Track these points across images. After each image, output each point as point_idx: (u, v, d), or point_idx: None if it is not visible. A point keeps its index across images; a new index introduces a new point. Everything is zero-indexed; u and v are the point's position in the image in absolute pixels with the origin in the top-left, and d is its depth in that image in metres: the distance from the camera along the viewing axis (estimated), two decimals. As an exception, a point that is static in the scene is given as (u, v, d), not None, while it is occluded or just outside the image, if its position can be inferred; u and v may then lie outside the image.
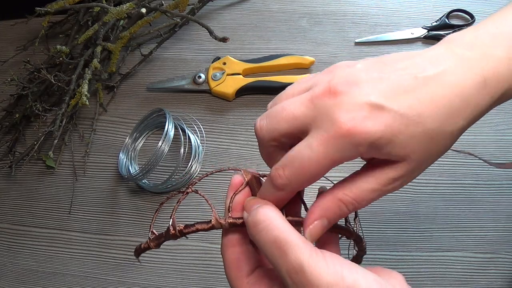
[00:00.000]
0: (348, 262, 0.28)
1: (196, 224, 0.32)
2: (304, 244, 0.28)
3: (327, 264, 0.27)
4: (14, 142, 0.65)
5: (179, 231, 0.32)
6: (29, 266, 0.58)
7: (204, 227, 0.32)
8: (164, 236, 0.33)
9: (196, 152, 0.61)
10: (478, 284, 0.53)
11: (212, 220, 0.32)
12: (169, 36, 0.69)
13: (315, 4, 0.72)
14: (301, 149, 0.29)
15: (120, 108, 0.67)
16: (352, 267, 0.28)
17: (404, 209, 0.57)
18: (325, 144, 0.28)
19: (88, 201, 0.61)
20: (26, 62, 0.65)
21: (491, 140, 0.60)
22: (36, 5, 0.64)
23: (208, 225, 0.32)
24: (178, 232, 0.32)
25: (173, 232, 0.32)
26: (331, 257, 0.28)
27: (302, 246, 0.28)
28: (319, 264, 0.27)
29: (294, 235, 0.28)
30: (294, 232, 0.28)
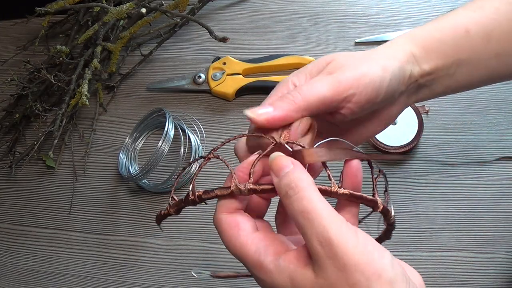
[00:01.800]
0: (380, 247, 0.28)
1: (215, 189, 0.32)
2: (333, 217, 0.28)
3: (358, 241, 0.27)
4: (14, 142, 0.65)
5: (198, 196, 0.32)
6: (29, 266, 0.58)
7: (224, 193, 0.31)
8: (184, 202, 0.32)
9: (196, 152, 0.61)
10: (478, 284, 0.53)
11: (232, 186, 0.31)
12: (169, 36, 0.69)
13: (315, 4, 0.72)
14: None
15: (120, 108, 0.67)
16: (384, 252, 0.28)
17: (404, 209, 0.57)
18: None
19: (88, 201, 0.61)
20: (26, 62, 0.65)
21: (491, 140, 0.60)
22: (36, 5, 0.64)
23: (228, 191, 0.31)
24: (197, 197, 0.32)
25: (192, 197, 0.32)
26: (364, 237, 0.28)
27: (330, 218, 0.27)
28: (349, 240, 0.27)
29: (322, 205, 0.28)
30: (323, 202, 0.28)
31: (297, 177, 0.29)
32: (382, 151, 0.59)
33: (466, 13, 0.38)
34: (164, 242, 0.58)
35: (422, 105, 0.61)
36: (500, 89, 0.63)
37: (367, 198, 0.32)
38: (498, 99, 0.63)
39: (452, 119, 0.62)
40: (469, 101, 0.63)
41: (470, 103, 0.62)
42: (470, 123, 0.61)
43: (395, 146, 0.58)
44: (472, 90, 0.62)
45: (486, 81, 0.41)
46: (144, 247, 0.58)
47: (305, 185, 0.29)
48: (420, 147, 0.60)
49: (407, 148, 0.58)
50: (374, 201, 0.33)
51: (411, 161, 0.59)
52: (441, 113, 0.62)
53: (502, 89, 0.63)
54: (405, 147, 0.58)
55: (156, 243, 0.58)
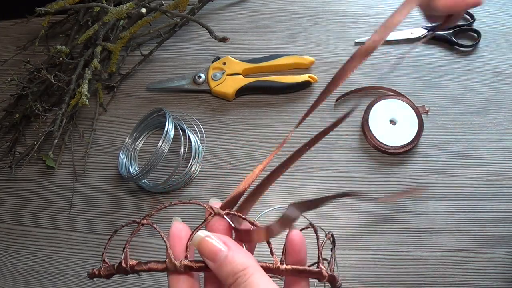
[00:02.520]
0: None
1: (149, 262, 0.29)
2: None
3: None
4: (14, 142, 0.65)
5: (131, 266, 0.30)
6: (29, 266, 0.58)
7: (158, 267, 0.29)
8: (116, 269, 0.30)
9: (196, 152, 0.61)
10: (478, 284, 0.53)
11: (167, 261, 0.29)
12: (169, 36, 0.69)
13: (315, 4, 0.72)
14: None
15: (120, 108, 0.67)
16: None
17: (404, 209, 0.57)
18: None
19: (88, 201, 0.61)
20: (26, 62, 0.65)
21: (491, 140, 0.60)
22: (36, 5, 0.64)
23: (162, 265, 0.29)
24: (130, 267, 0.30)
25: (124, 266, 0.30)
26: None
27: None
28: None
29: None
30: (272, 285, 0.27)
31: (241, 263, 0.27)
32: (382, 151, 0.59)
33: None
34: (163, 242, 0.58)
35: (422, 105, 0.61)
36: (500, 89, 0.63)
37: (311, 271, 0.30)
38: (498, 99, 0.63)
39: (452, 119, 0.62)
40: (469, 101, 0.63)
41: (470, 103, 0.62)
42: (470, 123, 0.61)
43: (395, 146, 0.58)
44: (472, 90, 0.63)
45: None
46: (144, 247, 0.58)
47: (251, 271, 0.27)
48: (420, 147, 0.60)
49: (407, 148, 0.58)
50: (319, 272, 0.30)
51: (411, 161, 0.59)
52: (441, 113, 0.62)
53: (502, 89, 0.63)
54: (405, 147, 0.58)
55: (156, 243, 0.58)
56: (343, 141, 0.61)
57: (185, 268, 0.29)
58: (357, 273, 0.54)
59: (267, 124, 0.63)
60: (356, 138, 0.61)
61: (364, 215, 0.56)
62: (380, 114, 0.60)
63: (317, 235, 0.31)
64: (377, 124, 0.60)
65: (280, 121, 0.63)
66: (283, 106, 0.64)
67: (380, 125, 0.60)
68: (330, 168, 0.60)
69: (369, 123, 0.60)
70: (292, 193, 0.58)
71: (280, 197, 0.58)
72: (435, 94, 0.63)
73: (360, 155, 0.60)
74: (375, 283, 0.54)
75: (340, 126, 0.63)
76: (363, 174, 0.59)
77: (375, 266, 0.54)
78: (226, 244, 0.28)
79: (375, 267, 0.54)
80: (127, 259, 0.30)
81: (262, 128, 0.63)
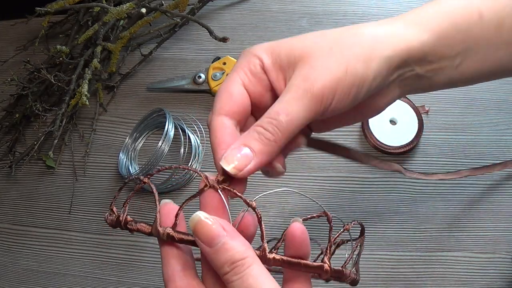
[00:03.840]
0: None
1: (140, 224, 0.30)
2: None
3: None
4: (14, 142, 0.65)
5: (125, 221, 0.30)
6: (29, 266, 0.58)
7: (145, 230, 0.29)
8: (115, 221, 0.30)
9: (196, 152, 0.61)
10: (478, 284, 0.53)
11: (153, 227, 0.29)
12: (169, 36, 0.69)
13: (315, 4, 0.72)
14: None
15: (120, 108, 0.67)
16: None
17: (404, 209, 0.57)
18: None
19: (88, 201, 0.61)
20: (26, 62, 0.65)
21: (491, 140, 0.60)
22: (36, 5, 0.64)
23: (148, 229, 0.29)
24: (124, 222, 0.30)
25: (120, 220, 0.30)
26: None
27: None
28: None
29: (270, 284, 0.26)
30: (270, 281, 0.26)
31: (240, 251, 0.26)
32: (382, 151, 0.59)
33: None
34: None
35: (422, 105, 0.61)
36: (500, 89, 0.63)
37: (307, 265, 0.28)
38: (498, 99, 0.63)
39: (452, 119, 0.62)
40: (469, 101, 0.63)
41: (470, 103, 0.62)
42: (470, 123, 0.61)
43: (395, 146, 0.58)
44: (472, 90, 0.63)
45: (490, 76, 0.36)
46: (144, 247, 0.58)
47: (250, 262, 0.26)
48: (420, 147, 0.60)
49: (407, 148, 0.58)
50: (319, 267, 0.28)
51: (411, 161, 0.59)
52: (441, 113, 0.62)
53: (502, 89, 0.63)
54: (405, 147, 0.58)
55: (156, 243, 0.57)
56: (343, 141, 0.61)
57: (167, 237, 0.28)
58: (357, 273, 0.54)
59: (267, 124, 0.63)
60: (356, 138, 0.61)
61: (364, 215, 0.56)
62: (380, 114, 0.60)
63: (330, 224, 0.29)
64: (377, 124, 0.60)
65: (280, 121, 0.63)
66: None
67: (380, 125, 0.59)
68: (330, 168, 0.60)
69: (369, 123, 0.60)
70: (291, 193, 0.58)
71: (280, 197, 0.58)
72: (435, 94, 0.63)
73: (360, 155, 0.60)
74: (375, 283, 0.54)
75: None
76: (363, 174, 0.59)
77: (375, 266, 0.54)
78: (224, 229, 0.27)
79: (375, 267, 0.54)
80: (125, 214, 0.30)
81: (262, 128, 0.63)
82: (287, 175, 0.59)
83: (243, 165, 0.29)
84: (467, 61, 0.33)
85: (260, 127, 0.30)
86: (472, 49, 0.33)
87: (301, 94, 0.30)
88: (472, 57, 0.33)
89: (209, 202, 0.29)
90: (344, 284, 0.31)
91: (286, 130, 0.30)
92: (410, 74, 0.33)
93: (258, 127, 0.30)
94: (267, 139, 0.30)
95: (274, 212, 0.57)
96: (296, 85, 0.30)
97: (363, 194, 0.58)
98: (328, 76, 0.30)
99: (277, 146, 0.30)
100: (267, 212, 0.57)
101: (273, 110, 0.30)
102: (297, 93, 0.30)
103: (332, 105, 0.30)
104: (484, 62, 0.34)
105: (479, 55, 0.33)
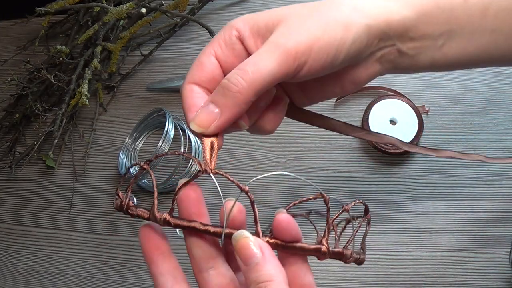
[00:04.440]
0: None
1: (139, 209, 0.30)
2: None
3: None
4: (14, 142, 0.65)
5: (127, 206, 0.30)
6: (29, 266, 0.58)
7: (144, 215, 0.30)
8: (119, 206, 0.31)
9: (196, 152, 0.61)
10: (478, 284, 0.53)
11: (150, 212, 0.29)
12: (169, 36, 0.69)
13: (315, 4, 0.72)
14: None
15: (120, 108, 0.67)
16: None
17: (404, 209, 0.57)
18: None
19: (88, 201, 0.61)
20: (26, 62, 0.65)
21: (491, 140, 0.60)
22: (36, 5, 0.64)
23: (146, 215, 0.30)
24: (126, 207, 0.30)
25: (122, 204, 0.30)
26: None
27: None
28: None
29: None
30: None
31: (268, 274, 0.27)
32: (382, 151, 0.59)
33: None
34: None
35: (422, 105, 0.61)
36: (500, 89, 0.63)
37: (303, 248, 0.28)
38: (498, 99, 0.63)
39: (452, 119, 0.62)
40: (469, 101, 0.63)
41: (470, 103, 0.62)
42: (470, 123, 0.61)
43: (395, 146, 0.58)
44: (472, 90, 0.63)
45: (475, 62, 0.36)
46: (144, 247, 0.58)
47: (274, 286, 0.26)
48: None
49: (407, 148, 0.58)
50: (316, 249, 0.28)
51: (411, 161, 0.59)
52: (441, 113, 0.62)
53: (502, 89, 0.63)
54: (405, 147, 0.58)
55: (156, 243, 0.58)
56: (343, 141, 0.61)
57: (163, 222, 0.29)
58: (357, 273, 0.54)
59: (267, 124, 0.63)
60: (356, 138, 0.61)
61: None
62: (380, 114, 0.60)
63: (327, 206, 0.29)
64: (377, 124, 0.60)
65: (280, 121, 0.63)
66: (283, 106, 0.64)
67: (380, 125, 0.59)
68: (330, 168, 0.60)
69: (369, 123, 0.60)
70: (292, 193, 0.58)
71: (280, 197, 0.58)
72: (435, 94, 0.63)
73: (360, 155, 0.60)
74: (375, 283, 0.54)
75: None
76: (363, 174, 0.59)
77: (375, 266, 0.54)
78: (261, 250, 0.27)
79: (375, 267, 0.54)
80: (127, 199, 0.30)
81: (262, 128, 0.63)
82: (287, 176, 0.59)
83: (208, 122, 0.30)
84: (450, 43, 0.34)
85: (226, 79, 0.30)
86: (456, 32, 0.33)
87: (273, 48, 0.29)
88: (456, 39, 0.34)
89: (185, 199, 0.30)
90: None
91: (252, 81, 0.29)
92: (392, 49, 0.33)
93: (224, 79, 0.30)
94: (230, 92, 0.29)
95: (270, 197, 0.57)
96: (270, 41, 0.30)
97: (363, 194, 0.58)
98: (305, 33, 0.30)
99: (243, 99, 0.29)
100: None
101: (243, 62, 0.30)
102: (269, 47, 0.30)
103: (308, 64, 0.30)
104: (467, 46, 0.34)
105: (463, 39, 0.34)
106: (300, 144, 0.61)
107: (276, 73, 0.29)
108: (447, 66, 0.35)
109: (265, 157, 0.61)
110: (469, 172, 0.58)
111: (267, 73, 0.29)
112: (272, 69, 0.29)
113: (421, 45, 0.33)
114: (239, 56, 0.32)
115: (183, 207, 0.30)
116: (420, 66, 0.35)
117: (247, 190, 0.28)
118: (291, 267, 0.29)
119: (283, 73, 0.29)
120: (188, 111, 0.31)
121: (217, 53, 0.33)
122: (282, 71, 0.29)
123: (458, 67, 0.36)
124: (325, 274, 0.54)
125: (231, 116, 0.30)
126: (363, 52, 0.32)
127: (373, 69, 0.34)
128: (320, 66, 0.30)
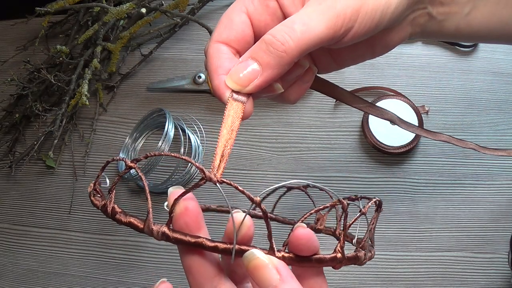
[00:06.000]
0: None
1: (131, 217, 0.27)
2: None
3: None
4: (14, 142, 0.65)
5: (112, 211, 0.27)
6: (29, 266, 0.58)
7: (137, 225, 0.26)
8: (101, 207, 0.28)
9: (196, 152, 0.61)
10: (478, 284, 0.53)
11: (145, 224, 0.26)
12: (169, 36, 0.69)
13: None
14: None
15: (120, 108, 0.67)
16: None
17: (404, 209, 0.57)
18: None
19: (88, 201, 0.61)
20: (26, 62, 0.65)
21: (491, 140, 0.60)
22: (36, 5, 0.64)
23: (140, 225, 0.26)
24: (111, 212, 0.27)
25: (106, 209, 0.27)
26: None
27: None
28: None
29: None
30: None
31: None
32: (382, 151, 0.59)
33: None
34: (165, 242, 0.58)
35: (422, 105, 0.61)
36: (500, 89, 0.63)
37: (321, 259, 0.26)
38: (498, 99, 0.63)
39: (452, 119, 0.62)
40: (469, 101, 0.63)
41: (470, 103, 0.62)
42: (470, 123, 0.61)
43: (395, 146, 0.58)
44: (472, 90, 0.63)
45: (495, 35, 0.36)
46: (144, 247, 0.58)
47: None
48: (420, 147, 0.60)
49: (407, 148, 0.58)
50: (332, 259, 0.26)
51: (411, 161, 0.59)
52: (441, 113, 0.62)
53: (502, 89, 0.63)
54: (405, 147, 0.58)
55: (156, 243, 0.58)
56: (343, 141, 0.61)
57: (162, 236, 0.25)
58: (357, 273, 0.54)
59: (267, 124, 0.63)
60: (356, 138, 0.61)
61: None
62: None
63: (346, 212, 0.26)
64: (377, 124, 0.60)
65: (279, 121, 0.63)
66: (282, 106, 0.64)
67: (380, 125, 0.60)
68: (330, 168, 0.60)
69: (369, 123, 0.60)
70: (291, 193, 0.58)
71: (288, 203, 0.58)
72: (435, 94, 0.63)
73: (360, 155, 0.60)
74: (375, 283, 0.54)
75: (340, 126, 0.63)
76: (363, 174, 0.59)
77: (375, 266, 0.54)
78: (278, 271, 0.25)
79: (375, 267, 0.54)
80: (111, 202, 0.27)
81: (262, 128, 0.63)
82: (287, 176, 0.59)
83: (247, 80, 0.27)
84: (475, 12, 0.34)
85: (270, 35, 0.27)
86: (482, 1, 0.34)
87: (324, 9, 0.27)
88: (481, 9, 0.34)
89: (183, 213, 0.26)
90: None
91: (299, 41, 0.26)
92: (423, 12, 0.33)
93: (268, 35, 0.27)
94: (275, 50, 0.27)
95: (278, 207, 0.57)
96: (317, 1, 0.28)
97: (363, 194, 0.57)
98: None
99: (287, 59, 0.27)
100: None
101: (289, 19, 0.27)
102: (319, 7, 0.27)
103: (354, 29, 0.29)
104: (490, 17, 0.34)
105: (486, 9, 0.34)
106: (300, 144, 0.61)
107: (324, 37, 0.27)
108: (469, 36, 0.36)
109: (265, 157, 0.61)
110: (469, 172, 0.58)
111: (317, 35, 0.27)
112: (322, 31, 0.27)
113: (449, 10, 0.34)
114: (274, 15, 0.30)
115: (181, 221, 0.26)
116: (445, 33, 0.35)
117: (259, 201, 0.25)
118: (308, 281, 0.27)
119: (330, 37, 0.28)
120: (214, 72, 0.28)
121: (249, 10, 0.30)
122: (330, 35, 0.27)
123: (479, 39, 0.36)
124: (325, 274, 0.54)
125: (272, 76, 0.27)
126: (401, 16, 0.31)
127: (404, 33, 0.34)
128: (365, 31, 0.29)
